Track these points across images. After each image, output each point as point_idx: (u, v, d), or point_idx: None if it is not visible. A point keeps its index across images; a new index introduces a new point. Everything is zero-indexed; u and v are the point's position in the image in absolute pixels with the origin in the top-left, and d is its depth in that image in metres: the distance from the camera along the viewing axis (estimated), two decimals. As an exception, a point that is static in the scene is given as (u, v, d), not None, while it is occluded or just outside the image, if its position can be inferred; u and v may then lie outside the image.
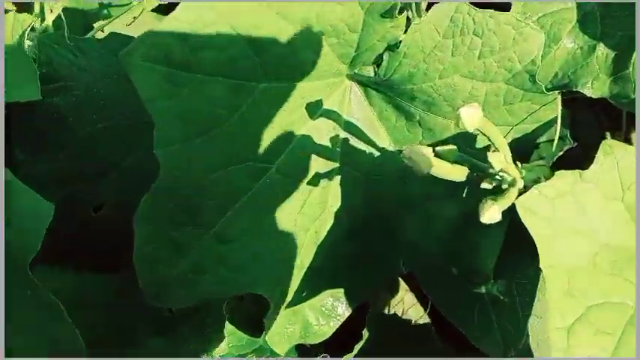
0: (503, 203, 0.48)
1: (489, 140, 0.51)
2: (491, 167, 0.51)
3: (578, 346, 0.46)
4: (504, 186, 0.52)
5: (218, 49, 0.49)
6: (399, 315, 0.80)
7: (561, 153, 0.69)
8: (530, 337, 0.64)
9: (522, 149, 0.65)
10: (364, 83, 0.62)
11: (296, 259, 0.63)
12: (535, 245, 0.50)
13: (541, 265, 0.49)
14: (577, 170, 0.52)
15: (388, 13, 0.51)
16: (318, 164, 0.62)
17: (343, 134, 0.63)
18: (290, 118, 0.58)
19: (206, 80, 0.49)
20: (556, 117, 0.65)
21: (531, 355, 0.60)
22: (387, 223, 0.68)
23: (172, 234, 0.55)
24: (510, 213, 0.53)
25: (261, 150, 0.57)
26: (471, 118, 0.45)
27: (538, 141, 0.66)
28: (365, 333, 0.75)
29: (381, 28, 0.53)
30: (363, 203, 0.67)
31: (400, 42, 0.54)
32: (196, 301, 0.59)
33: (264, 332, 0.67)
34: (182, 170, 0.53)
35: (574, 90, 0.59)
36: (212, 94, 0.51)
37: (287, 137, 0.59)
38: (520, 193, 0.52)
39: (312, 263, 0.66)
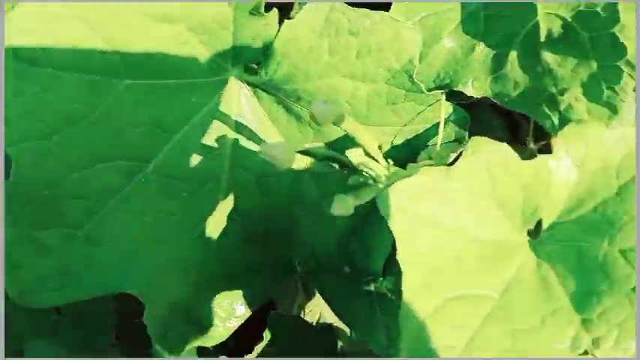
0: (359, 198, 0.48)
1: (352, 137, 0.52)
2: (355, 164, 0.52)
3: (432, 338, 0.46)
4: (370, 182, 0.52)
5: (69, 44, 0.49)
6: (305, 315, 0.80)
7: (455, 155, 0.70)
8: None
9: (413, 151, 0.67)
10: (253, 84, 0.62)
11: (179, 261, 0.63)
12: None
13: (398, 258, 0.49)
14: (443, 167, 0.53)
15: (255, 10, 0.52)
16: (204, 165, 0.62)
17: (233, 135, 0.63)
18: (167, 116, 0.58)
19: (58, 76, 0.49)
20: (449, 117, 0.66)
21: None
22: (282, 222, 0.68)
23: (36, 235, 0.54)
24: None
25: (134, 149, 0.56)
26: (324, 113, 0.46)
27: (430, 143, 0.68)
28: (266, 334, 0.75)
29: (252, 26, 0.54)
30: (255, 204, 0.67)
31: (274, 40, 0.55)
32: (65, 302, 0.57)
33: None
34: (38, 169, 0.52)
35: (455, 90, 0.60)
36: (66, 90, 0.50)
37: (164, 136, 0.58)
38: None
39: (202, 265, 0.66)
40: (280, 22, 0.55)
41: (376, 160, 0.53)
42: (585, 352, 0.49)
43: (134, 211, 0.58)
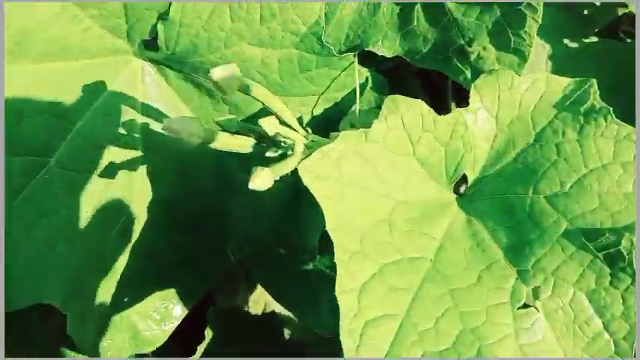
0: (279, 169, 0.45)
1: (263, 104, 0.48)
2: (270, 133, 0.49)
3: (370, 307, 0.44)
4: (289, 153, 0.49)
5: None
6: (250, 307, 0.76)
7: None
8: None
9: (336, 120, 0.64)
10: (157, 61, 0.58)
11: (99, 262, 0.58)
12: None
13: (327, 228, 0.46)
14: (361, 130, 0.50)
15: (142, -23, 0.48)
16: (112, 154, 0.57)
17: (142, 119, 0.59)
18: (64, 102, 0.53)
19: None
20: (367, 83, 0.64)
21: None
22: (210, 210, 0.64)
23: None
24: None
25: (33, 141, 0.51)
26: (224, 78, 0.42)
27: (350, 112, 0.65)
28: (207, 332, 0.71)
29: (143, -5, 0.50)
30: (178, 193, 0.62)
31: (169, 9, 0.51)
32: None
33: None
34: None
35: (366, 50, 0.58)
36: None
37: (64, 125, 0.53)
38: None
39: (127, 265, 0.61)
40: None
41: (294, 130, 0.50)
42: (525, 306, 0.48)
43: (40, 211, 0.52)
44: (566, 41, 0.72)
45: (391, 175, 0.51)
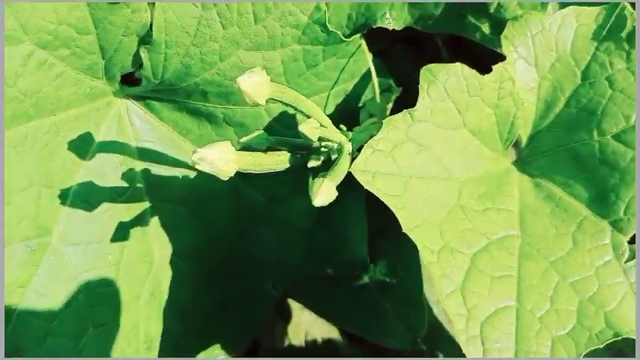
0: (336, 176, 0.38)
1: (296, 109, 0.41)
2: (311, 140, 0.42)
3: (479, 305, 0.38)
4: (334, 157, 0.42)
5: None
6: (291, 340, 0.69)
7: (391, 105, 0.62)
8: (436, 312, 0.56)
9: (350, 113, 0.58)
10: (140, 96, 0.50)
11: (132, 336, 0.49)
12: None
13: (405, 230, 0.40)
14: (405, 111, 0.44)
15: (116, -4, 0.40)
16: (118, 214, 0.49)
17: (140, 165, 0.51)
18: (51, 168, 0.44)
19: None
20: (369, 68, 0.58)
21: (441, 340, 0.51)
22: (238, 248, 0.57)
23: None
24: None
25: (26, 222, 0.42)
26: (256, 86, 0.35)
27: (363, 100, 0.59)
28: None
29: (118, 19, 0.41)
30: (200, 240, 0.55)
31: (151, 28, 0.43)
32: None
33: None
34: None
35: (374, 27, 0.52)
36: None
37: (57, 195, 0.44)
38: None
39: (164, 331, 0.53)
40: (151, 5, 0.43)
41: (338, 129, 0.43)
42: (632, 257, 0.43)
43: (56, 303, 0.43)
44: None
45: (447, 154, 0.45)
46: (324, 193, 0.36)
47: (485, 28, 0.53)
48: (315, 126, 0.39)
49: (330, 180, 0.37)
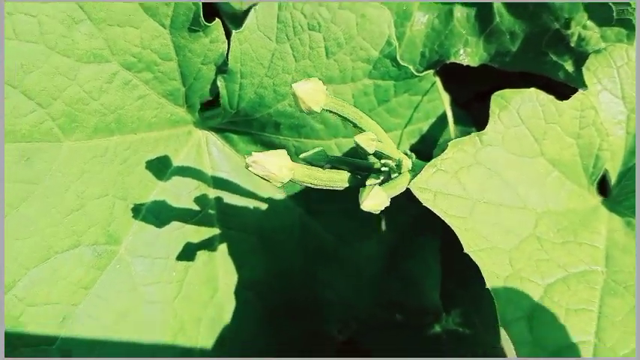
0: (391, 187, 0.37)
1: (355, 126, 0.41)
2: (373, 158, 0.41)
3: (548, 336, 0.33)
4: (394, 175, 0.41)
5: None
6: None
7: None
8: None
9: (425, 155, 0.57)
10: (219, 128, 0.53)
11: (187, 354, 0.48)
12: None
13: (467, 251, 0.37)
14: (474, 134, 0.42)
15: (195, 24, 0.43)
16: (187, 234, 0.50)
17: (213, 193, 0.53)
18: (127, 182, 0.47)
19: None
20: (450, 109, 0.57)
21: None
22: (303, 286, 0.56)
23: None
24: (444, 231, 0.43)
25: (97, 228, 0.45)
26: (311, 92, 0.36)
27: (441, 141, 0.58)
28: None
29: (198, 47, 0.45)
30: (266, 273, 0.54)
31: (228, 59, 0.46)
32: None
33: None
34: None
35: (448, 63, 0.51)
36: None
37: (130, 208, 0.47)
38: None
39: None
40: (227, 36, 0.46)
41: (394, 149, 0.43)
42: None
43: (114, 310, 0.44)
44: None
45: (522, 183, 0.42)
46: (374, 198, 0.35)
47: (569, 65, 0.51)
48: (372, 138, 0.38)
49: (383, 188, 0.36)
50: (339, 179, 0.41)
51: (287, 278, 0.55)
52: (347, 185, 0.42)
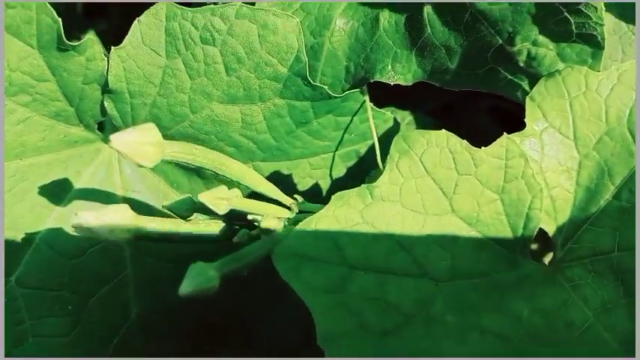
0: (226, 266, 0.31)
1: (215, 174, 0.35)
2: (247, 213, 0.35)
3: None
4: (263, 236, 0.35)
5: None
6: None
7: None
8: None
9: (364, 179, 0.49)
10: (132, 146, 0.48)
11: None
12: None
13: (321, 344, 0.30)
14: (364, 185, 0.35)
15: (60, 42, 0.38)
16: (89, 263, 0.47)
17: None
18: (14, 211, 0.44)
19: None
20: (394, 128, 0.49)
21: None
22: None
23: None
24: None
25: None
26: (135, 147, 0.30)
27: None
28: None
29: (73, 66, 0.40)
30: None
31: (107, 77, 0.41)
32: None
33: None
34: None
35: (373, 81, 0.43)
36: None
37: (21, 237, 0.44)
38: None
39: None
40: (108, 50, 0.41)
41: (272, 201, 0.36)
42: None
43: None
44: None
45: (423, 246, 0.34)
46: (198, 280, 0.29)
47: (525, 83, 0.41)
48: (223, 196, 0.32)
49: (217, 267, 0.30)
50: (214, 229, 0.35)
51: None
52: (222, 235, 0.37)
